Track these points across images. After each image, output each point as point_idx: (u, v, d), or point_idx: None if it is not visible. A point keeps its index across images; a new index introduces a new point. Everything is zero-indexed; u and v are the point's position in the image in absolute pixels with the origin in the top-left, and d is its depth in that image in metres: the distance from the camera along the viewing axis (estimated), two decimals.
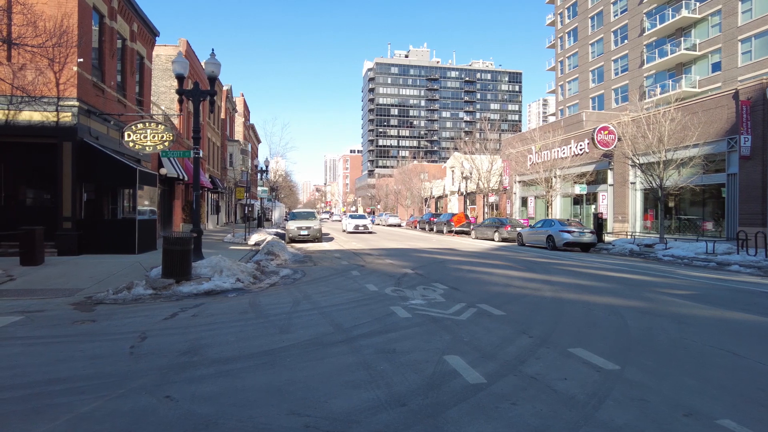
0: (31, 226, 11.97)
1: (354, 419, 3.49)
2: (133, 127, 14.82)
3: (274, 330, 6.20)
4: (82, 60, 13.91)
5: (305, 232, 23.78)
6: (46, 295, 8.51)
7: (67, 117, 13.79)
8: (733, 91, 21.09)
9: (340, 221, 52.51)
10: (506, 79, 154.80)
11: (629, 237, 24.82)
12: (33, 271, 10.95)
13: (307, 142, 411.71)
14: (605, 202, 28.68)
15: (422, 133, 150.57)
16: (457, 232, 34.94)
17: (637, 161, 22.21)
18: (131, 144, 14.80)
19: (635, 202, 26.91)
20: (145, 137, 14.73)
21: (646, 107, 27.17)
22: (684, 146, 21.04)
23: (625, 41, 48.50)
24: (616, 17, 49.93)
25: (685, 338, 5.87)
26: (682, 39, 41.70)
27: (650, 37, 44.96)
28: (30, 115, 13.63)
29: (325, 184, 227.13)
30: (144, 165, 18.39)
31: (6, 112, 13.44)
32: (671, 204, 24.47)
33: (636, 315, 7.18)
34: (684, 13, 40.63)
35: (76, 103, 13.82)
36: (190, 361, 4.90)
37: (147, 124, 14.96)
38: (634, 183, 26.48)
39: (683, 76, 41.42)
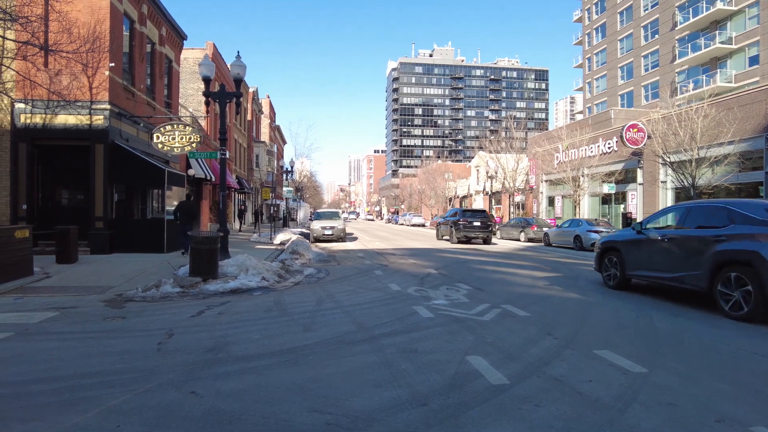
0: (66, 225, 12.41)
1: (375, 418, 3.50)
2: (161, 128, 15.20)
3: (298, 328, 6.26)
4: (113, 64, 14.35)
5: (329, 232, 23.95)
6: (79, 292, 8.81)
7: (99, 120, 14.24)
8: None
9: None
10: (532, 76, 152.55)
11: None
12: (68, 268, 11.33)
13: (331, 142, 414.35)
14: (635, 202, 27.96)
15: (447, 132, 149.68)
16: None
17: (668, 159, 21.59)
18: (160, 145, 15.18)
19: (666, 202, 26.14)
20: (174, 139, 15.09)
21: (678, 104, 26.40)
22: (718, 143, 20.34)
23: (656, 36, 47.17)
24: (647, 11, 48.62)
25: (717, 341, 5.67)
26: (717, 32, 40.29)
27: (683, 31, 43.62)
28: (65, 119, 14.14)
29: (349, 184, 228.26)
30: (172, 166, 18.84)
31: (43, 116, 13.98)
32: None
33: (665, 317, 6.97)
34: (719, 5, 39.27)
35: (108, 107, 14.26)
36: (215, 358, 4.99)
37: (175, 125, 15.33)
38: (664, 182, 25.75)
39: (718, 70, 40.04)
